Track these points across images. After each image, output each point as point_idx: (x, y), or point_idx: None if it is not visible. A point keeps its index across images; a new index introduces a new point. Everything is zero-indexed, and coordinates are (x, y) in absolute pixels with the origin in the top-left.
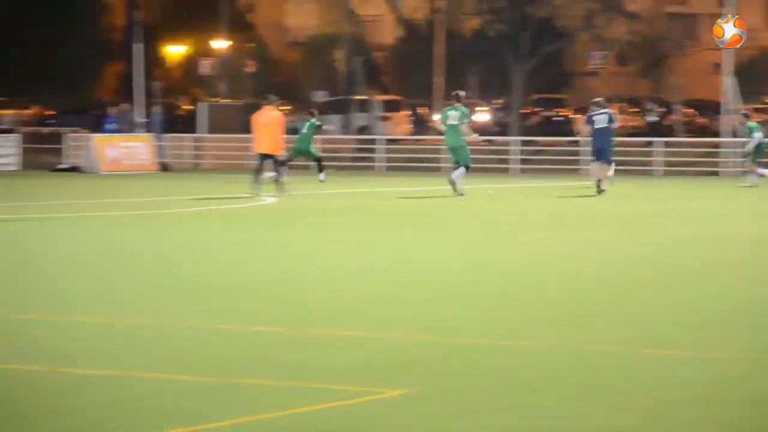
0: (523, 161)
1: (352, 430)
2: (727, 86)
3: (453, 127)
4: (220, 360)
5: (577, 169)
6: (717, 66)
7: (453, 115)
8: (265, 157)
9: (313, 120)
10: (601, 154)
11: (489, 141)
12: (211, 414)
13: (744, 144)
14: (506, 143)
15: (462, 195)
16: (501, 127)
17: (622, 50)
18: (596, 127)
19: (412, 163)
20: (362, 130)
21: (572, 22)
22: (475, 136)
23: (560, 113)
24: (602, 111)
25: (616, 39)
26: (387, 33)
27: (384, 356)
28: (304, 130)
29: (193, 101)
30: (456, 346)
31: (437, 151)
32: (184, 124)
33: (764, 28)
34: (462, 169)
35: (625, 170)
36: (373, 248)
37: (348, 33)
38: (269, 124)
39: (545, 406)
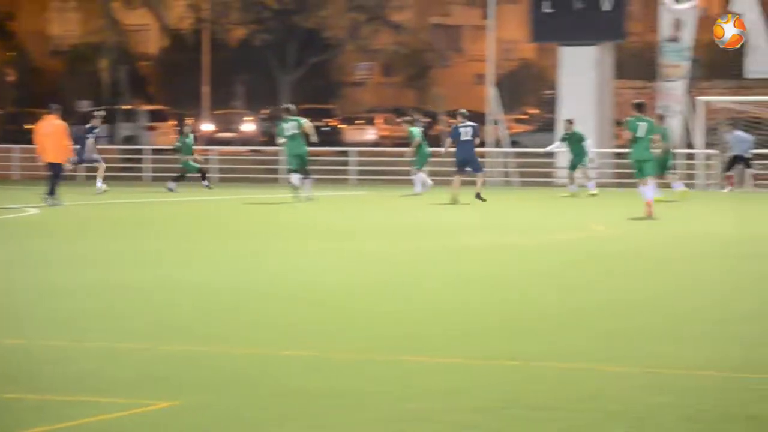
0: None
1: None
2: (491, 97)
3: (294, 136)
4: None
5: (345, 179)
6: (479, 77)
7: (291, 125)
8: (51, 165)
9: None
10: (465, 164)
11: (257, 151)
12: None
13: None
14: (275, 153)
15: (311, 200)
16: (269, 138)
17: (387, 61)
18: (462, 139)
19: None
20: (128, 140)
21: (338, 33)
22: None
23: (328, 123)
24: (468, 124)
25: (381, 50)
26: (152, 42)
27: (159, 368)
28: (187, 140)
29: None
30: (232, 357)
31: (205, 162)
32: None
33: (524, 41)
34: (298, 175)
35: (400, 180)
36: (147, 259)
37: (112, 42)
38: (53, 133)
39: (317, 416)
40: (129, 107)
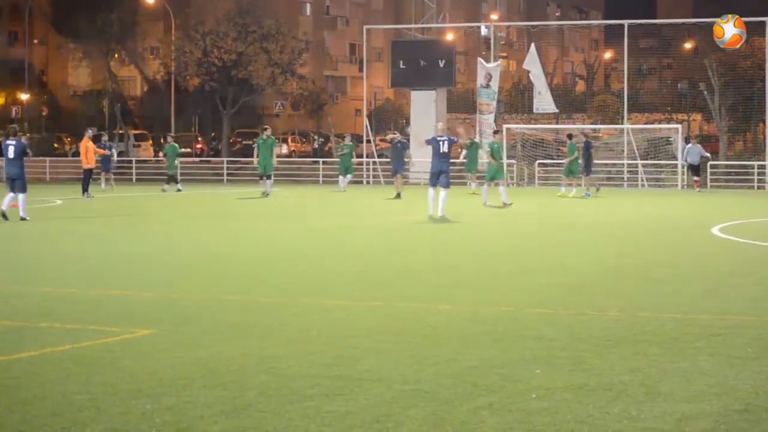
0: (230, 174)
1: (114, 353)
2: (365, 124)
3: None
4: (21, 311)
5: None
6: (358, 111)
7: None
8: (84, 171)
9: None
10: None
11: (207, 161)
12: (20, 347)
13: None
14: (219, 162)
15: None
16: (215, 152)
17: (295, 100)
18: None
19: (155, 176)
20: (121, 153)
21: (261, 81)
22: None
23: (255, 141)
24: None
25: (291, 92)
26: (137, 88)
27: (140, 309)
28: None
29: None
30: (183, 301)
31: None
32: None
33: (387, 86)
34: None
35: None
36: (168, 235)
37: (110, 88)
38: (87, 148)
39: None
40: (121, 131)
